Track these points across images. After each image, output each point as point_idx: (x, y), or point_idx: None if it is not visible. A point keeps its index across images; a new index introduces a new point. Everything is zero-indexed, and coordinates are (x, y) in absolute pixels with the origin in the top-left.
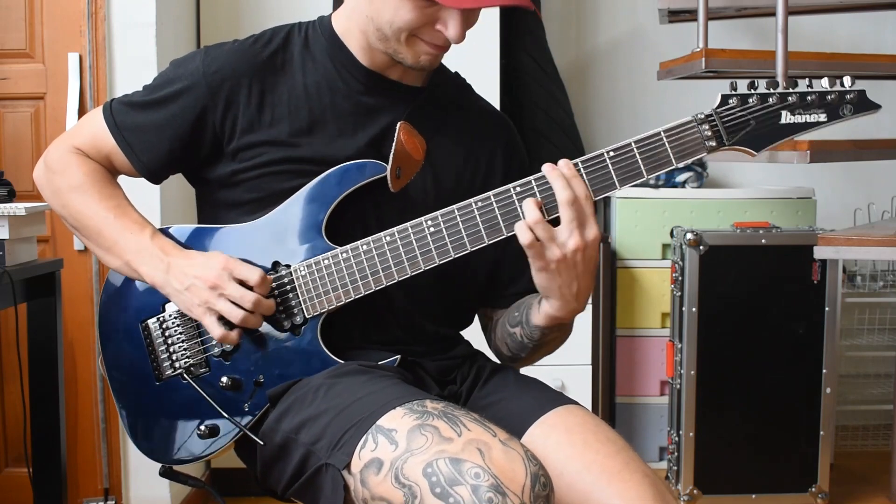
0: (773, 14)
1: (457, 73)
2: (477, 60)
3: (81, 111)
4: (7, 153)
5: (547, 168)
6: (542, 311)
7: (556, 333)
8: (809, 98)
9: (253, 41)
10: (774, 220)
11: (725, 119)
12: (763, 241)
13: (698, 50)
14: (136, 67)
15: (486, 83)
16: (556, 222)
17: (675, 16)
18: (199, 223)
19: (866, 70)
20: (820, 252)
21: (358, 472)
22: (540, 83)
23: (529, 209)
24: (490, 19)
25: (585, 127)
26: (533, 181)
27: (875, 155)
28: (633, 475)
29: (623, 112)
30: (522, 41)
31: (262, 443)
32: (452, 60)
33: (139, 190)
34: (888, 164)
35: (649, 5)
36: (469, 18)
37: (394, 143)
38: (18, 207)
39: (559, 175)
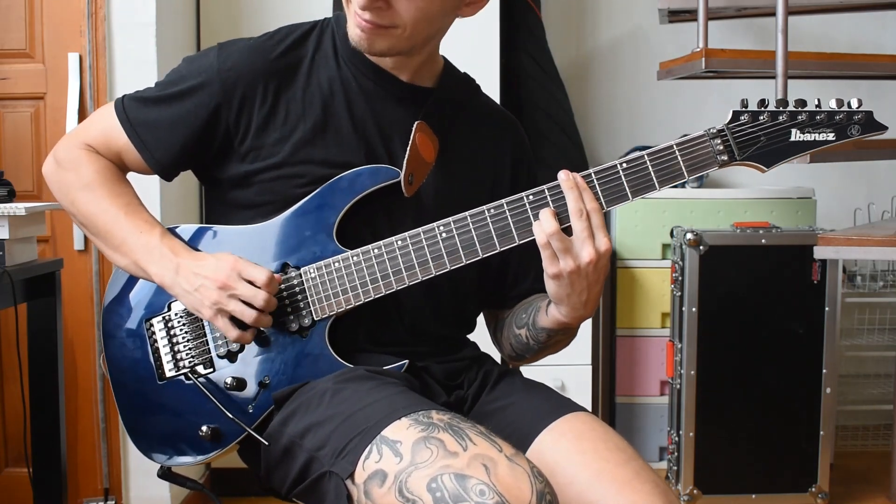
0: (773, 14)
1: (466, 74)
2: (477, 60)
3: (81, 111)
4: (7, 153)
5: (562, 177)
6: (549, 315)
7: (561, 336)
8: (818, 117)
9: (268, 38)
10: (774, 220)
11: (737, 135)
12: (763, 241)
13: (698, 50)
14: (136, 67)
15: (486, 83)
16: (569, 231)
17: (675, 16)
18: (208, 222)
19: (866, 70)
20: (820, 252)
21: (362, 482)
22: (540, 83)
23: (547, 220)
24: (490, 19)
25: (585, 127)
26: (546, 190)
27: (875, 155)
28: (643, 485)
29: (623, 112)
30: (522, 41)
31: (266, 443)
32: (452, 60)
33: (139, 189)
34: (888, 164)
35: (649, 5)
36: None
37: (409, 147)
38: (18, 207)
39: (573, 186)
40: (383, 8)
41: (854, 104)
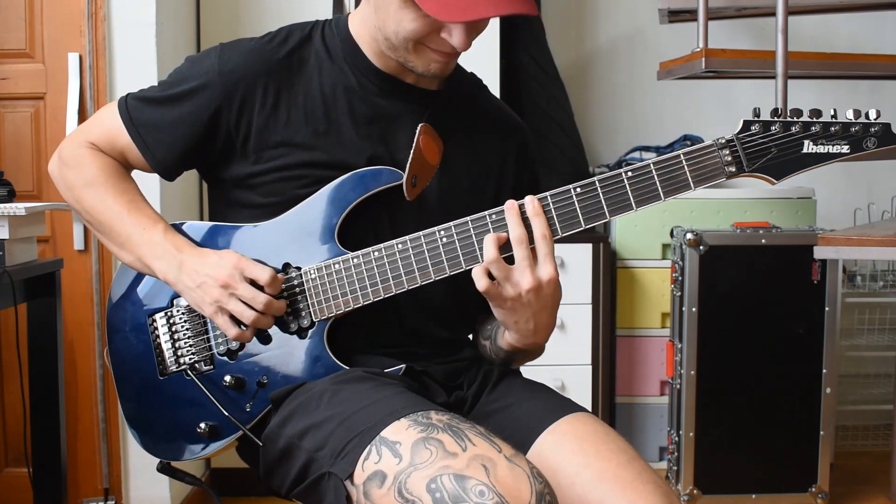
0: (773, 14)
1: (472, 74)
2: (477, 60)
3: (81, 111)
4: (7, 153)
5: (507, 206)
6: (504, 337)
7: (520, 356)
8: (833, 129)
9: (269, 39)
10: (774, 220)
11: (746, 145)
12: (763, 241)
13: (698, 50)
14: (136, 67)
15: (486, 83)
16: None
17: (675, 16)
18: (210, 219)
19: (866, 70)
20: (820, 252)
21: (361, 483)
22: (540, 83)
23: (488, 248)
24: (490, 19)
25: (585, 127)
26: (549, 198)
27: (875, 155)
28: (645, 485)
29: (623, 112)
30: (522, 41)
31: (261, 444)
32: None
33: (140, 186)
34: (888, 164)
35: (649, 5)
36: (475, 27)
37: (412, 149)
38: (18, 207)
39: (514, 213)
40: None
41: (872, 115)
